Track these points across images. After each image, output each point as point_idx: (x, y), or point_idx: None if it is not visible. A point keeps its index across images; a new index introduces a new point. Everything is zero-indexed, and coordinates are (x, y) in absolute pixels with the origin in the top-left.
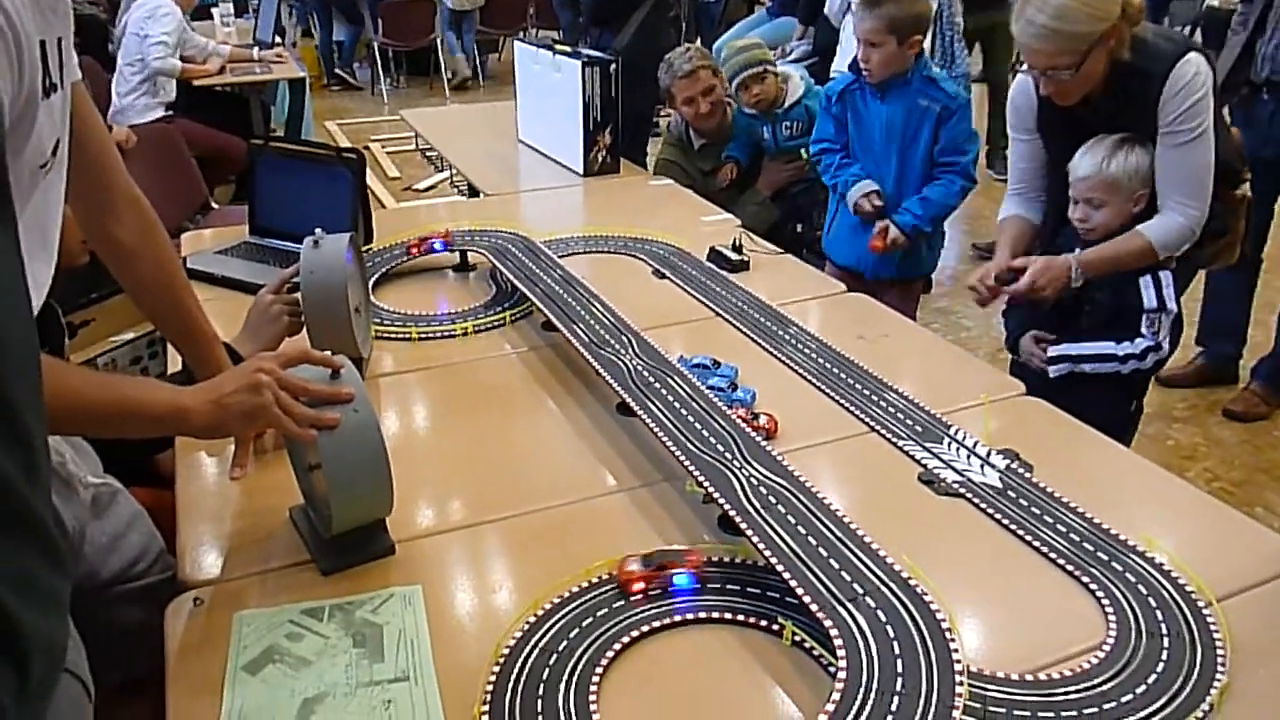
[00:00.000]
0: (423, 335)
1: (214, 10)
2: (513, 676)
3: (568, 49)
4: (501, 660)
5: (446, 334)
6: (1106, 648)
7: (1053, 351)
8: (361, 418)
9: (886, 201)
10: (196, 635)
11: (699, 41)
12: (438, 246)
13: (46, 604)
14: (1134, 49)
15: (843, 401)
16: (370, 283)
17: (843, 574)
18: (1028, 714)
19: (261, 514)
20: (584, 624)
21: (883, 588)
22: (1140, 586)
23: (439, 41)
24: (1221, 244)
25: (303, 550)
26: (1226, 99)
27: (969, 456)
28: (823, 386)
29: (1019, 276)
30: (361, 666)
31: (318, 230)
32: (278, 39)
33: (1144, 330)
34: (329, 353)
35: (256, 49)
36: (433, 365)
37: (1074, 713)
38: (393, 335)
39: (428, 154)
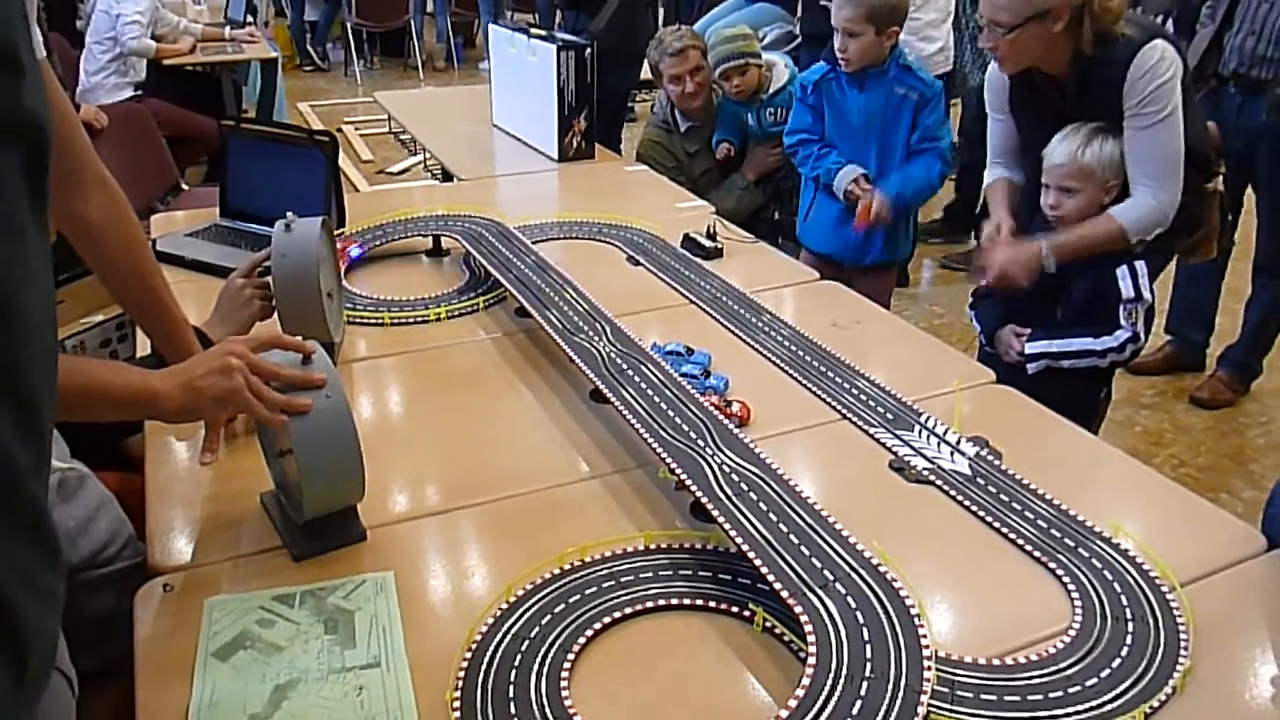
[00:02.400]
0: (395, 320)
1: None
2: (485, 663)
3: (543, 32)
4: (474, 647)
5: (420, 319)
6: (1072, 632)
7: (1031, 349)
8: (333, 403)
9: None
10: (166, 621)
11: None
12: (353, 253)
13: (45, 599)
14: (1099, 42)
15: (815, 389)
16: (343, 266)
17: (813, 560)
18: (994, 698)
19: (232, 499)
20: (556, 610)
21: (853, 574)
22: (1106, 572)
23: (412, 23)
24: (1198, 237)
25: (274, 536)
26: (1195, 91)
27: (939, 444)
28: (795, 374)
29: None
30: (333, 653)
31: (289, 214)
32: (250, 18)
33: (1123, 321)
34: (300, 338)
35: (228, 28)
36: (406, 350)
37: (1040, 696)
38: (365, 320)
39: (401, 137)
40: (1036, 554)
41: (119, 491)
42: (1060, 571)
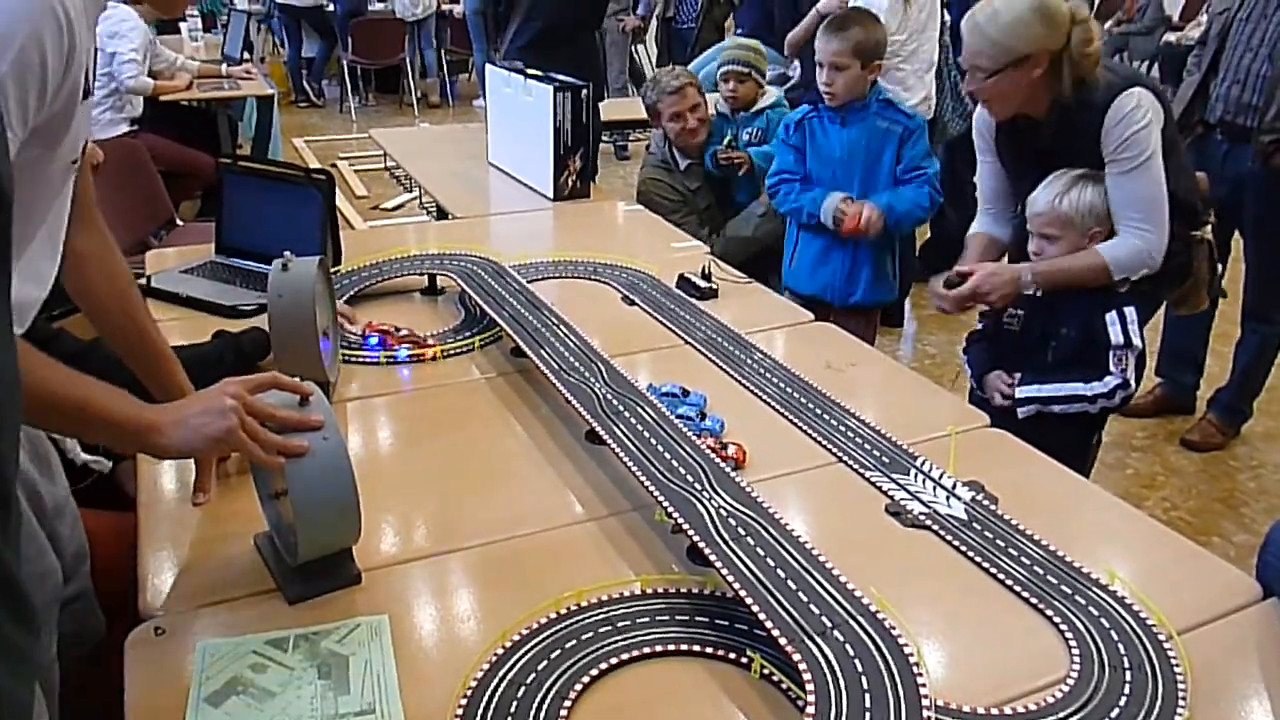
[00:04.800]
0: (390, 359)
1: (182, 25)
2: (480, 710)
3: (538, 73)
4: (469, 693)
5: (415, 358)
6: (1071, 681)
7: (1021, 393)
8: (331, 445)
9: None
10: (157, 665)
11: (669, 65)
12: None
13: (14, 663)
14: (1079, 86)
15: (810, 431)
16: (338, 305)
17: (811, 607)
18: None
19: (225, 541)
20: (552, 656)
21: (851, 621)
22: (1103, 619)
23: (408, 60)
24: (1187, 287)
25: (267, 578)
26: (1182, 139)
27: (935, 488)
28: (791, 416)
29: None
30: (327, 699)
31: (286, 253)
32: (246, 54)
33: (1112, 368)
34: (297, 378)
35: (225, 64)
36: (401, 390)
37: None
38: (360, 359)
39: (395, 173)
40: (1033, 600)
41: (111, 532)
42: (1057, 619)
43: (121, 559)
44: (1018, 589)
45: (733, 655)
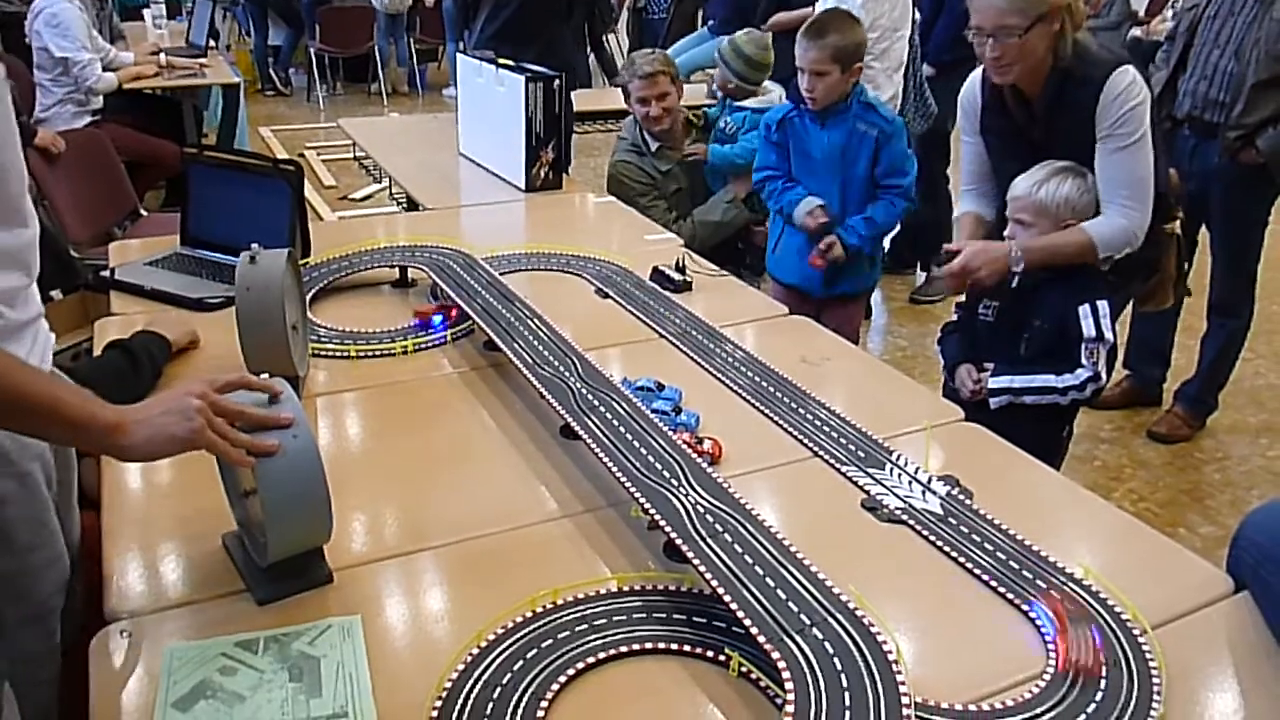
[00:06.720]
0: (361, 353)
1: (145, 12)
2: (455, 712)
3: (510, 63)
4: (444, 695)
5: (385, 352)
6: (1047, 677)
7: (993, 384)
8: (301, 443)
9: (831, 217)
10: (123, 669)
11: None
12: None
13: None
14: (1075, 55)
15: (786, 426)
16: (307, 298)
17: (789, 604)
18: None
19: (192, 540)
20: (528, 656)
21: (829, 619)
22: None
23: (376, 49)
24: (1154, 282)
25: (236, 579)
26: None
27: (910, 483)
28: (766, 410)
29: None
30: (298, 702)
31: (255, 245)
32: (212, 42)
33: (1084, 360)
34: (266, 375)
35: (163, 54)
36: (371, 384)
37: None
38: (330, 353)
39: (364, 162)
40: (1009, 596)
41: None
42: (1033, 614)
43: (86, 559)
44: (993, 584)
45: (711, 653)
